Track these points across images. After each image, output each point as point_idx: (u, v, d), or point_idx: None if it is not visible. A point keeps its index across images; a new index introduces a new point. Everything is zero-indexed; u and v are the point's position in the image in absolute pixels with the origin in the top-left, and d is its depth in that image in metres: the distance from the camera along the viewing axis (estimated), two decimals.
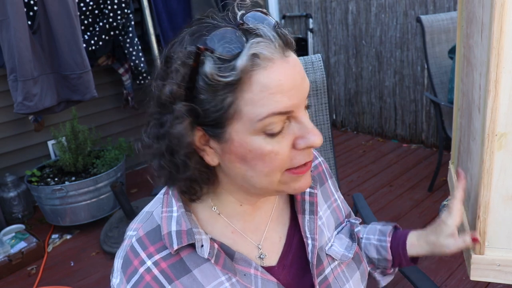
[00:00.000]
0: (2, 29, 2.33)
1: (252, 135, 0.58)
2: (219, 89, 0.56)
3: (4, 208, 2.92)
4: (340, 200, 0.87)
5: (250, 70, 0.55)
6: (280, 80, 0.56)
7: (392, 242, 0.88)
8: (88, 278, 2.37)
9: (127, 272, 0.65)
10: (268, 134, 0.58)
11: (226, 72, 0.55)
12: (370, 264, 0.91)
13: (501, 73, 0.65)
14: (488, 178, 0.73)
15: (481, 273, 0.80)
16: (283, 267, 0.73)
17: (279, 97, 0.56)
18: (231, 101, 0.57)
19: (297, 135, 0.60)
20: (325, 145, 1.52)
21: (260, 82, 0.56)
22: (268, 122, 0.57)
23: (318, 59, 1.46)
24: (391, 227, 0.91)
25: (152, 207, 0.72)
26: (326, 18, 4.01)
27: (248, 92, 0.56)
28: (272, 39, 0.57)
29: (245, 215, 0.72)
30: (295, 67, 0.59)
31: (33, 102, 2.45)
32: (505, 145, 0.70)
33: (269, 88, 0.56)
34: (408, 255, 0.86)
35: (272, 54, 0.56)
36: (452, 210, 0.79)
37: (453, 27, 2.76)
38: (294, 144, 0.61)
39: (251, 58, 0.55)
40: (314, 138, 0.60)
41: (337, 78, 4.13)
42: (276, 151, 0.59)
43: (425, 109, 3.56)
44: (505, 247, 0.78)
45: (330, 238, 0.79)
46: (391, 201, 2.87)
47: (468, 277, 0.83)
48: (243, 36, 0.56)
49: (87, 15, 2.76)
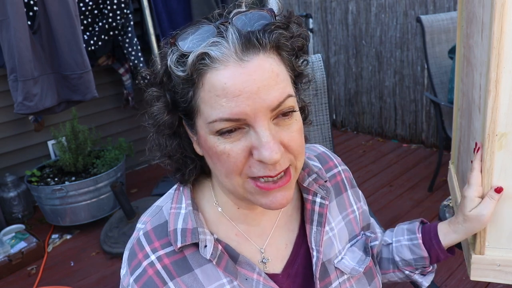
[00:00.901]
0: (2, 29, 2.33)
1: (209, 134, 0.59)
2: (180, 82, 0.59)
3: (4, 208, 2.92)
4: (359, 212, 0.84)
5: (199, 68, 0.56)
6: (226, 83, 0.55)
7: (423, 238, 0.83)
8: (88, 278, 2.37)
9: (132, 264, 0.67)
10: (221, 133, 0.58)
11: (180, 66, 0.58)
12: (408, 267, 0.86)
13: (501, 73, 0.65)
14: (488, 178, 0.73)
15: (481, 273, 0.80)
16: (287, 276, 0.72)
17: (225, 101, 0.55)
18: (192, 96, 0.59)
19: (252, 144, 0.57)
20: (325, 145, 1.53)
21: (209, 82, 0.56)
22: (217, 126, 0.57)
23: (318, 59, 1.46)
24: (418, 223, 0.87)
25: (163, 201, 0.73)
26: (326, 18, 4.01)
27: (202, 91, 0.57)
28: (230, 42, 0.55)
29: (248, 219, 0.71)
30: (254, 72, 0.55)
31: (33, 102, 2.45)
32: (505, 145, 0.70)
33: (215, 90, 0.55)
34: (443, 246, 0.81)
35: (223, 56, 0.55)
36: (470, 181, 0.75)
37: (453, 27, 2.76)
38: (251, 152, 0.58)
39: (201, 57, 0.56)
40: (265, 154, 0.56)
41: (337, 78, 4.13)
42: (228, 152, 0.58)
43: (425, 109, 3.56)
44: (505, 247, 0.78)
45: (341, 250, 0.77)
46: (391, 201, 2.87)
47: (468, 277, 0.82)
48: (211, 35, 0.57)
49: (87, 15, 2.76)
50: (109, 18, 2.81)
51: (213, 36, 0.57)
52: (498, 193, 0.73)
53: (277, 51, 0.59)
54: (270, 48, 0.57)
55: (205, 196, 0.73)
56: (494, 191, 0.73)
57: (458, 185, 1.00)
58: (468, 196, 0.75)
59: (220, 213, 0.71)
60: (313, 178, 0.75)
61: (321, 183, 0.75)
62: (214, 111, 0.56)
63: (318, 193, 0.75)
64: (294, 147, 0.60)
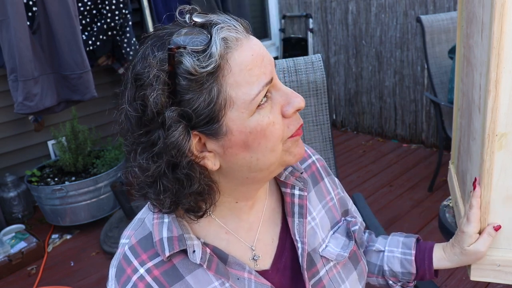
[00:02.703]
0: (2, 29, 2.33)
1: (248, 117, 0.59)
2: (203, 81, 0.56)
3: (4, 208, 2.92)
4: (336, 199, 0.85)
5: (225, 53, 0.57)
6: (252, 55, 0.59)
7: (416, 256, 0.86)
8: (88, 278, 2.37)
9: (121, 280, 0.65)
10: (260, 108, 0.60)
11: (206, 61, 0.56)
12: (393, 277, 0.88)
13: (501, 73, 0.65)
14: (488, 178, 0.73)
15: (481, 273, 0.80)
16: (277, 271, 0.72)
17: (257, 70, 0.59)
18: (218, 90, 0.57)
19: (282, 103, 0.63)
20: (325, 145, 1.52)
21: (237, 63, 0.57)
22: (259, 97, 0.59)
23: (318, 59, 1.46)
24: (414, 239, 0.89)
25: (143, 213, 0.72)
26: (326, 18, 4.01)
27: (230, 76, 0.57)
28: (231, 23, 0.59)
29: (241, 213, 0.71)
30: (258, 43, 0.62)
31: (33, 102, 2.45)
32: (505, 145, 0.70)
33: (246, 65, 0.58)
34: (433, 269, 0.84)
35: (238, 35, 0.59)
36: (470, 218, 0.77)
37: (453, 27, 2.76)
38: (282, 113, 0.63)
39: (223, 41, 0.57)
40: (297, 100, 0.63)
41: (337, 78, 4.13)
42: (273, 121, 0.61)
43: (425, 109, 3.56)
44: (505, 247, 0.78)
45: (325, 238, 0.78)
46: (391, 201, 2.86)
47: (468, 277, 0.83)
48: (203, 30, 0.58)
49: (85, 15, 2.76)
50: (107, 18, 2.81)
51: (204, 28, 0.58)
52: (496, 231, 0.76)
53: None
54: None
55: None
56: (493, 229, 0.76)
57: (458, 185, 1.00)
58: (467, 232, 0.77)
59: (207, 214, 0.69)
60: (289, 171, 0.76)
61: (297, 175, 0.76)
62: (253, 85, 0.58)
63: (296, 186, 0.76)
64: None
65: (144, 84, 0.56)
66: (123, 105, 0.60)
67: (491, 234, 0.76)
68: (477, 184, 0.75)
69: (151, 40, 0.60)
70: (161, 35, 0.59)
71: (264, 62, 0.60)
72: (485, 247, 0.76)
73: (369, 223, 1.40)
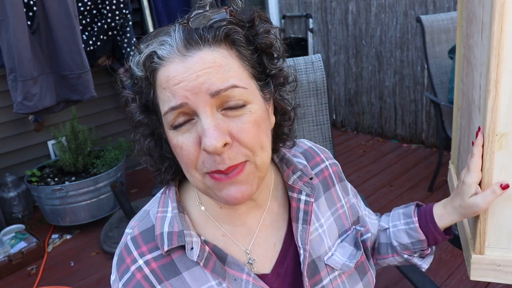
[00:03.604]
0: (1, 29, 2.33)
1: (167, 128, 0.62)
2: (142, 82, 0.62)
3: (4, 208, 2.92)
4: (347, 206, 0.83)
5: (150, 67, 0.60)
6: (168, 76, 0.59)
7: (419, 221, 0.84)
8: (88, 278, 2.37)
9: (120, 269, 0.67)
10: (174, 127, 0.60)
11: (137, 67, 0.62)
12: (406, 251, 0.86)
13: (501, 73, 0.65)
14: (488, 178, 0.73)
15: (481, 273, 0.80)
16: (277, 276, 0.72)
17: (169, 92, 0.59)
18: (153, 95, 0.63)
19: (199, 134, 0.58)
20: (325, 145, 1.52)
21: (159, 79, 0.60)
22: (168, 117, 0.60)
23: (318, 59, 1.46)
24: (413, 206, 0.87)
25: (150, 205, 0.73)
26: (326, 18, 4.01)
27: (156, 88, 0.62)
28: (172, 41, 0.59)
29: (232, 218, 0.71)
30: (195, 64, 0.57)
31: (32, 102, 2.45)
32: (505, 145, 0.70)
33: (161, 84, 0.60)
34: (440, 228, 0.81)
35: (168, 54, 0.59)
36: (470, 167, 0.74)
37: (453, 27, 2.76)
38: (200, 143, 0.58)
39: (149, 56, 0.60)
40: (206, 141, 0.56)
41: (337, 78, 4.13)
42: (180, 145, 0.60)
43: (425, 109, 3.56)
44: (505, 247, 0.77)
45: (331, 247, 0.76)
46: (391, 201, 2.86)
47: (468, 277, 0.82)
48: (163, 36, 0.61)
49: (85, 15, 2.76)
50: (108, 18, 2.81)
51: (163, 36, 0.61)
52: (503, 189, 0.72)
53: (228, 45, 0.61)
54: (215, 42, 0.59)
55: (190, 197, 0.73)
56: (500, 187, 0.72)
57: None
58: (467, 182, 0.75)
59: (205, 214, 0.70)
60: (297, 176, 0.75)
61: (306, 180, 0.75)
62: (163, 103, 0.60)
63: (303, 191, 0.74)
64: (246, 140, 0.59)
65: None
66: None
67: (496, 191, 0.72)
68: (480, 133, 0.72)
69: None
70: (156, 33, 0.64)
71: (179, 85, 0.57)
72: (484, 203, 0.73)
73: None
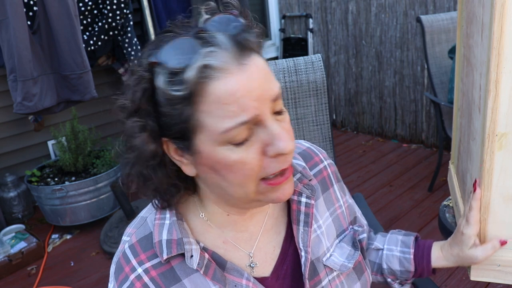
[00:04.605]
0: (1, 29, 2.33)
1: (217, 146, 0.57)
2: (176, 102, 0.55)
3: (4, 208, 2.92)
4: (345, 206, 0.83)
5: (201, 82, 0.53)
6: (232, 89, 0.54)
7: (415, 254, 0.86)
8: (88, 278, 2.37)
9: (119, 278, 0.66)
10: (233, 144, 0.56)
11: (176, 86, 0.54)
12: (391, 276, 0.88)
13: (501, 73, 0.65)
14: (488, 178, 0.73)
15: (481, 273, 0.80)
16: (276, 278, 0.71)
17: (235, 107, 0.54)
18: (190, 114, 0.55)
19: (265, 141, 0.57)
20: (325, 145, 1.53)
21: (214, 93, 0.54)
22: (231, 133, 0.55)
23: (318, 59, 1.46)
24: (413, 237, 0.89)
25: (147, 212, 0.72)
26: (326, 18, 4.01)
27: (204, 104, 0.54)
28: (226, 48, 0.54)
29: (237, 225, 0.70)
30: (254, 73, 0.56)
31: (32, 102, 2.45)
32: (506, 145, 0.70)
33: (223, 99, 0.54)
34: (431, 267, 0.84)
35: (225, 64, 0.54)
36: (469, 220, 0.76)
37: (453, 27, 2.76)
38: (264, 151, 0.58)
39: (201, 70, 0.53)
40: (281, 144, 0.56)
41: (337, 78, 4.13)
42: (243, 160, 0.57)
43: (425, 109, 3.56)
44: (505, 247, 0.77)
45: (330, 247, 0.77)
46: (391, 201, 2.86)
47: (468, 277, 0.82)
48: (197, 46, 0.54)
49: (86, 15, 2.76)
50: (108, 18, 2.81)
51: (199, 46, 0.54)
52: (501, 245, 0.76)
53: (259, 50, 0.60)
54: (256, 47, 0.59)
55: (188, 205, 0.71)
56: (500, 242, 0.75)
57: (458, 185, 1.00)
58: (467, 233, 0.77)
59: (206, 222, 0.70)
60: (297, 178, 0.74)
61: (305, 182, 0.75)
62: (226, 119, 0.54)
63: (303, 193, 0.74)
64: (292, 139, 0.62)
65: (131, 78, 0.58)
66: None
67: (495, 246, 0.75)
68: (477, 185, 0.75)
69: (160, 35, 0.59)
70: (163, 36, 0.58)
71: (246, 98, 0.54)
72: (483, 256, 0.76)
73: (369, 223, 1.40)
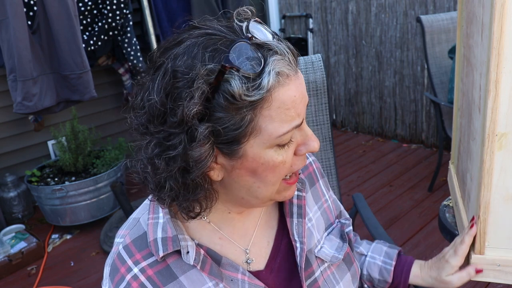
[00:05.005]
0: (1, 29, 2.33)
1: (266, 149, 0.59)
2: (242, 107, 0.55)
3: (4, 208, 2.92)
4: (330, 201, 0.86)
5: (272, 88, 0.55)
6: (295, 96, 0.58)
7: (396, 267, 0.90)
8: (88, 278, 2.37)
9: (115, 279, 0.66)
10: (280, 145, 0.60)
11: (253, 91, 0.54)
12: (369, 282, 0.93)
13: (501, 73, 0.65)
14: (488, 178, 0.73)
15: (481, 273, 0.80)
16: (270, 271, 0.73)
17: (293, 111, 0.58)
18: (251, 119, 0.56)
19: (299, 142, 0.63)
20: (325, 145, 1.52)
21: (279, 99, 0.57)
22: (284, 138, 0.59)
23: (318, 59, 1.46)
24: (397, 251, 0.93)
25: (139, 213, 0.72)
26: (326, 18, 4.01)
27: (267, 109, 0.56)
28: (288, 56, 0.57)
29: (234, 221, 0.72)
30: (301, 78, 0.60)
31: (32, 102, 2.45)
32: (505, 145, 0.70)
33: (285, 104, 0.57)
34: (408, 283, 0.88)
35: (289, 71, 0.57)
36: (458, 252, 0.80)
37: (453, 27, 2.76)
38: (296, 151, 0.63)
39: (276, 76, 0.55)
40: (313, 144, 0.63)
41: (337, 78, 4.13)
42: (285, 160, 0.62)
43: (425, 109, 3.56)
44: (505, 247, 0.78)
45: (320, 240, 0.79)
46: (391, 201, 2.86)
47: None
48: (257, 52, 0.55)
49: (86, 15, 2.76)
50: (108, 18, 2.81)
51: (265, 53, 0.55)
52: (476, 273, 0.79)
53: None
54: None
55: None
56: (475, 271, 0.79)
57: (458, 185, 1.00)
58: (451, 263, 0.81)
59: (202, 219, 0.70)
60: None
61: None
62: (284, 124, 0.58)
63: None
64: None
65: (184, 86, 0.54)
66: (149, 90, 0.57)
67: (470, 274, 0.79)
68: (475, 223, 0.77)
69: (202, 38, 0.57)
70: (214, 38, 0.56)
71: (302, 103, 0.60)
72: (459, 283, 0.80)
73: (369, 223, 1.40)
